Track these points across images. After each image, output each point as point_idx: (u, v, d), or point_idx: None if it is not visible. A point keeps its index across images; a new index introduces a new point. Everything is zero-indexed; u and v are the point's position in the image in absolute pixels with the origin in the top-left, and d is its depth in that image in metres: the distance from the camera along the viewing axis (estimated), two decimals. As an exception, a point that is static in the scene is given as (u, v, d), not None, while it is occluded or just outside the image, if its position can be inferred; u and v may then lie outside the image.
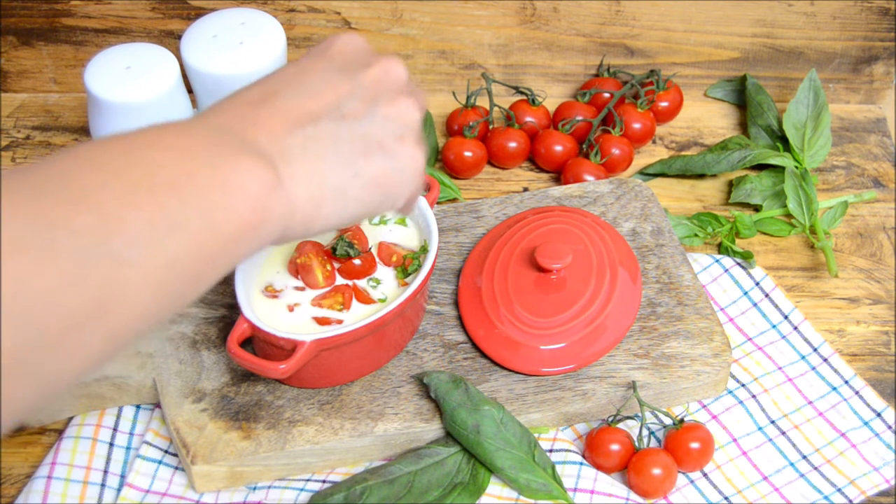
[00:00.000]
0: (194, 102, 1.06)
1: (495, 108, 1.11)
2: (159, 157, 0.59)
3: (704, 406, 0.90)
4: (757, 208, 1.05)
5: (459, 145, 1.07)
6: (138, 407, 0.90)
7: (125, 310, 0.55)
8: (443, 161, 1.08)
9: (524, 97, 1.12)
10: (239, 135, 0.64)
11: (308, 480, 0.86)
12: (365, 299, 0.88)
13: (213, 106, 0.68)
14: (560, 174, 1.07)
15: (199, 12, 1.09)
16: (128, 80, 0.94)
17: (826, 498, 0.85)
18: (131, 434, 0.88)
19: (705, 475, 0.87)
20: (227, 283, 0.92)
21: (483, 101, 1.13)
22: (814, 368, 0.93)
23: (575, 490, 0.84)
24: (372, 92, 0.71)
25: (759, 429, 0.89)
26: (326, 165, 0.67)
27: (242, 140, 0.64)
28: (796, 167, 1.04)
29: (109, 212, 0.55)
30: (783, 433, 0.89)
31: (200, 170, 0.60)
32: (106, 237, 0.54)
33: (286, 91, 0.68)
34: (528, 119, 1.10)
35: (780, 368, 0.92)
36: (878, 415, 0.90)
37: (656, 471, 0.84)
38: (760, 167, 1.08)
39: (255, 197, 0.62)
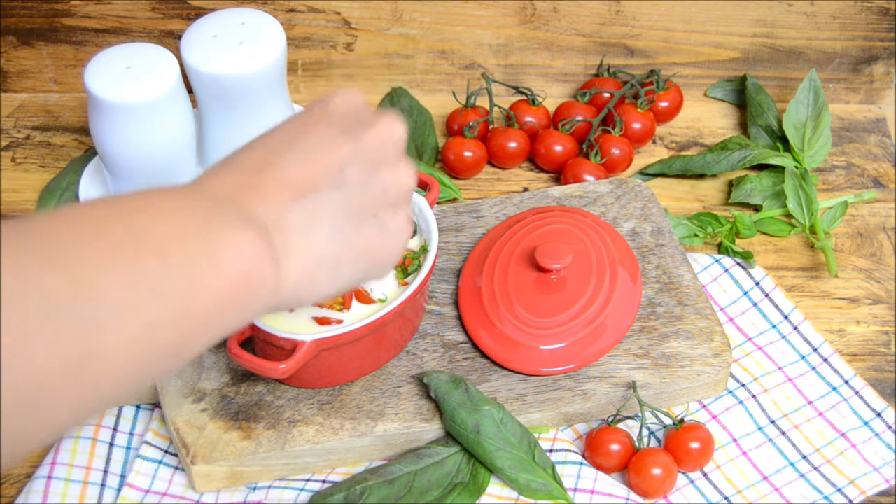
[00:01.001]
0: (194, 102, 1.06)
1: (495, 108, 1.11)
2: (148, 222, 0.57)
3: (704, 406, 0.90)
4: (757, 208, 1.05)
5: (459, 145, 1.07)
6: (138, 407, 0.90)
7: (99, 375, 0.53)
8: (443, 161, 1.08)
9: (524, 97, 1.12)
10: (237, 204, 0.62)
11: (308, 480, 0.86)
12: (365, 299, 0.88)
13: (210, 170, 0.66)
14: (560, 174, 1.07)
15: (199, 12, 1.09)
16: (128, 80, 0.94)
17: (826, 498, 0.85)
18: (131, 434, 0.88)
19: (705, 475, 0.87)
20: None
21: (483, 101, 1.13)
22: (814, 368, 0.93)
23: (575, 490, 0.84)
24: (373, 155, 0.69)
25: (759, 429, 0.89)
26: (323, 238, 0.66)
27: (239, 209, 0.62)
28: (796, 167, 1.04)
29: (82, 274, 0.53)
30: (783, 433, 0.89)
31: (190, 237, 0.58)
32: (75, 299, 0.52)
33: (286, 155, 0.66)
34: (528, 119, 1.10)
35: (780, 368, 0.92)
36: (878, 415, 0.90)
37: (656, 471, 0.84)
38: (760, 167, 1.08)
39: (246, 270, 0.60)
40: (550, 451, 0.86)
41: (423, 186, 0.93)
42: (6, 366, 0.49)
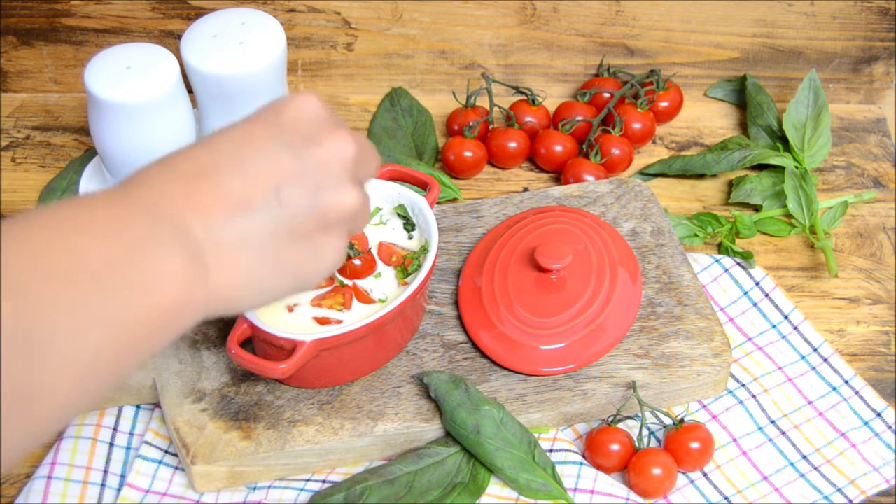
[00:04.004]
0: (194, 102, 1.06)
1: (495, 108, 1.11)
2: (84, 242, 0.57)
3: (704, 406, 0.90)
4: (757, 208, 1.05)
5: (459, 145, 1.07)
6: (138, 407, 0.90)
7: (47, 400, 0.54)
8: (443, 161, 1.08)
9: (524, 97, 1.12)
10: (171, 218, 0.62)
11: (308, 480, 0.86)
12: (365, 299, 0.88)
13: (144, 173, 0.65)
14: (560, 174, 1.07)
15: (199, 12, 1.09)
16: (128, 80, 0.94)
17: (826, 498, 0.85)
18: (131, 434, 0.88)
19: (705, 475, 0.87)
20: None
21: (483, 101, 1.12)
22: (814, 368, 0.93)
23: (575, 490, 0.84)
24: (315, 177, 0.68)
25: (759, 429, 0.89)
26: (255, 259, 0.66)
27: (173, 226, 0.62)
28: (796, 167, 1.04)
29: (32, 303, 0.53)
30: (783, 433, 0.89)
31: (126, 261, 0.58)
32: (28, 331, 0.52)
33: (226, 168, 0.65)
34: (528, 119, 1.10)
35: (780, 368, 0.92)
36: (878, 415, 0.90)
37: (656, 471, 0.84)
38: (760, 167, 1.08)
39: (180, 289, 0.61)
40: (550, 451, 0.86)
41: (424, 186, 0.93)
42: None
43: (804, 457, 0.88)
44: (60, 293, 0.55)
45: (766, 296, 0.97)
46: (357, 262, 0.89)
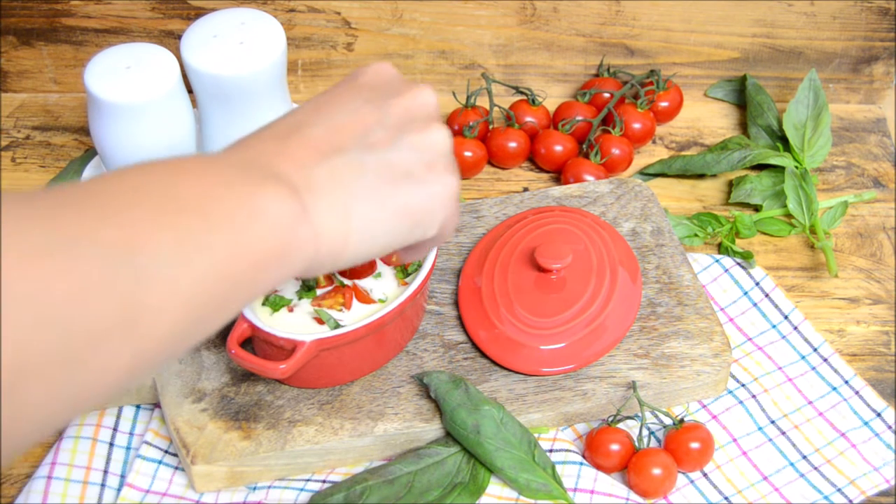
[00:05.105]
0: (194, 102, 1.06)
1: (495, 108, 1.11)
2: (184, 183, 0.59)
3: (704, 406, 0.90)
4: (757, 208, 1.05)
5: (459, 145, 1.07)
6: (138, 407, 0.90)
7: (153, 326, 0.55)
8: (443, 161, 1.08)
9: (524, 97, 1.12)
10: (264, 166, 0.64)
11: (308, 480, 0.86)
12: (365, 299, 0.88)
13: (238, 141, 0.68)
14: (560, 174, 1.07)
15: (199, 12, 1.09)
16: (128, 80, 0.94)
17: (826, 498, 0.85)
18: (131, 434, 0.88)
19: (705, 475, 0.87)
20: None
21: (483, 101, 1.13)
22: (814, 368, 0.93)
23: (575, 490, 0.84)
24: (399, 121, 0.70)
25: (759, 429, 0.89)
26: (352, 196, 0.67)
27: (268, 170, 0.64)
28: (796, 167, 1.04)
29: (135, 229, 0.55)
30: (783, 433, 0.89)
31: (226, 196, 0.60)
32: (131, 252, 0.54)
33: (312, 123, 0.68)
34: (528, 119, 1.10)
35: (780, 368, 0.92)
36: (878, 415, 0.90)
37: (656, 471, 0.84)
38: (760, 167, 1.08)
39: (281, 224, 0.62)
40: (550, 451, 0.86)
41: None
42: (70, 313, 0.50)
43: (804, 457, 0.88)
44: (162, 221, 0.56)
45: (766, 296, 0.97)
46: (357, 262, 0.89)
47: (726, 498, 0.86)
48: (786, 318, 0.95)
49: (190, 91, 1.03)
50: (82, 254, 0.52)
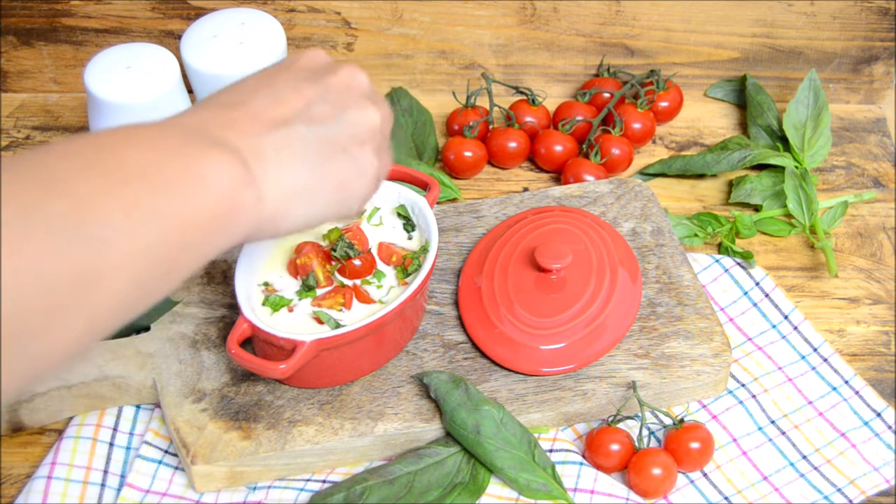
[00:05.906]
0: (194, 102, 1.06)
1: (495, 108, 1.11)
2: (130, 151, 0.61)
3: (704, 406, 0.90)
4: (757, 208, 1.05)
5: (459, 145, 1.07)
6: (138, 407, 0.90)
7: (105, 292, 0.57)
8: (443, 161, 1.08)
9: (524, 97, 1.12)
10: (210, 134, 0.66)
11: (308, 480, 0.86)
12: (365, 299, 0.88)
13: (184, 110, 0.69)
14: (560, 174, 1.07)
15: (199, 12, 1.09)
16: (128, 80, 0.94)
17: (826, 498, 0.85)
18: (131, 434, 0.88)
19: (705, 475, 0.87)
20: (227, 283, 0.92)
21: (483, 101, 1.13)
22: (814, 368, 0.93)
23: (575, 490, 0.84)
24: (340, 96, 0.73)
25: (759, 429, 0.89)
26: (296, 166, 0.69)
27: (213, 138, 0.65)
28: (796, 167, 1.04)
29: (82, 198, 0.56)
30: (783, 433, 0.89)
31: (171, 162, 0.62)
32: (80, 221, 0.55)
33: (256, 96, 0.70)
34: (528, 119, 1.10)
35: (780, 368, 0.92)
36: (878, 415, 0.90)
37: (656, 471, 0.84)
38: (760, 167, 1.08)
39: (226, 189, 0.64)
40: (550, 451, 0.86)
41: (423, 186, 0.93)
42: (18, 283, 0.52)
43: (804, 457, 0.88)
44: (111, 189, 0.58)
45: (766, 296, 0.97)
46: (357, 262, 0.89)
47: (726, 498, 0.86)
48: (786, 318, 0.95)
49: (190, 91, 1.03)
50: (32, 226, 0.53)
